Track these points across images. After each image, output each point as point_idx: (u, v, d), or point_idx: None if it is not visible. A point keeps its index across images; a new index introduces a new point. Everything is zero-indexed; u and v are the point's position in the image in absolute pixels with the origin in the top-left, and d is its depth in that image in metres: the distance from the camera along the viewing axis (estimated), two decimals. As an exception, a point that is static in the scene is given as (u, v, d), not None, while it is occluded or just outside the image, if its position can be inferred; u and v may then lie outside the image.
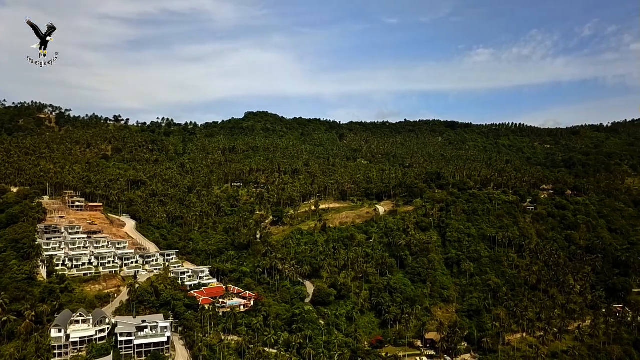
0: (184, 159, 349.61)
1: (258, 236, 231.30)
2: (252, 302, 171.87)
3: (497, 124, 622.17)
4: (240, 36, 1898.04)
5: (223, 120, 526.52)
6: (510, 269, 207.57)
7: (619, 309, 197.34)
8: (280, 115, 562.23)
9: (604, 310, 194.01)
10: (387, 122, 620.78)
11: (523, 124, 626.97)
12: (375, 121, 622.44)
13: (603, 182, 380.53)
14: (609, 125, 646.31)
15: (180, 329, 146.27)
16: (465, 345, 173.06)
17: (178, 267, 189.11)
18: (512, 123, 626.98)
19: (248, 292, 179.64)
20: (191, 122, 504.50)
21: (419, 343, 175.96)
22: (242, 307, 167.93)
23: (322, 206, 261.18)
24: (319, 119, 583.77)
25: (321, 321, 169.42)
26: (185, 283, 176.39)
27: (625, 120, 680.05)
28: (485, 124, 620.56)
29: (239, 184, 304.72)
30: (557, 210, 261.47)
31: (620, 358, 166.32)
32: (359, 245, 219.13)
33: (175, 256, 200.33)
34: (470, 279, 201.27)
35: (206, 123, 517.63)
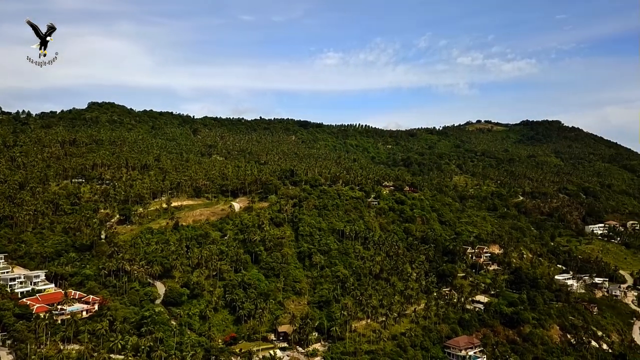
0: (14, 152, 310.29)
1: (103, 236, 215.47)
2: (96, 306, 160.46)
3: (346, 124, 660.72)
4: (85, 20, 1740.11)
5: (63, 110, 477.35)
6: (357, 260, 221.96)
7: (447, 292, 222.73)
8: (129, 107, 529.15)
9: (435, 294, 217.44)
10: (243, 118, 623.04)
11: (369, 126, 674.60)
12: (231, 117, 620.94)
13: (435, 179, 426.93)
14: (440, 128, 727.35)
15: (9, 342, 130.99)
16: (316, 335, 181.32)
17: (7, 272, 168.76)
18: (359, 124, 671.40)
19: (92, 296, 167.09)
20: (24, 111, 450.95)
21: (272, 336, 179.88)
22: (84, 313, 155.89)
23: (174, 203, 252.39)
24: (172, 113, 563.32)
25: (173, 322, 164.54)
26: (16, 290, 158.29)
27: (453, 124, 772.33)
28: (335, 125, 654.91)
29: (80, 180, 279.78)
30: (397, 204, 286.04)
31: (447, 335, 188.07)
32: (214, 243, 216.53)
33: (3, 261, 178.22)
34: (320, 271, 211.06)
35: (42, 113, 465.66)
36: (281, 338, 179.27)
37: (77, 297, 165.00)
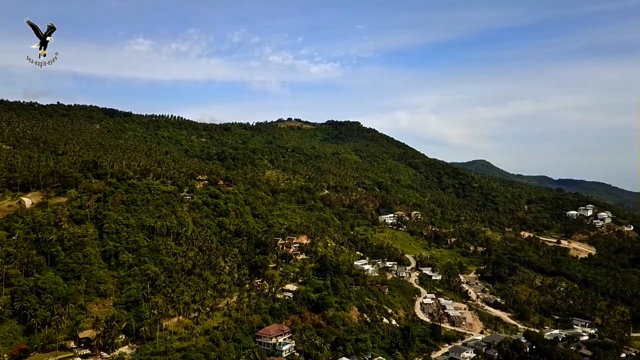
0: None
1: None
2: None
3: (157, 115, 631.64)
4: None
5: None
6: (169, 257, 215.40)
7: (259, 283, 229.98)
8: None
9: (247, 286, 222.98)
10: (37, 103, 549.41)
11: (182, 117, 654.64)
12: (21, 101, 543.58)
13: (249, 173, 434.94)
14: (254, 124, 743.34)
15: None
16: (123, 337, 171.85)
17: None
18: (172, 116, 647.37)
19: None
20: None
21: (72, 344, 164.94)
22: None
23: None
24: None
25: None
26: None
27: (267, 121, 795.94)
28: (146, 115, 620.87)
29: None
30: (211, 199, 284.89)
31: (259, 325, 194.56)
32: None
33: None
34: (128, 269, 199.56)
35: None
36: (82, 345, 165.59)
37: None
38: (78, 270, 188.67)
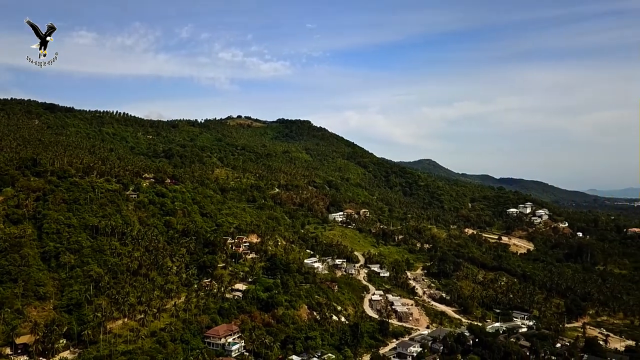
0: None
1: None
2: None
3: (102, 111, 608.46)
4: None
5: None
6: (113, 257, 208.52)
7: (207, 283, 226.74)
8: None
9: (195, 286, 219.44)
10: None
11: (127, 114, 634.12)
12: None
13: (197, 171, 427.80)
14: (202, 121, 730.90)
15: None
16: (64, 342, 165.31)
17: None
18: (117, 112, 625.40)
19: None
20: None
21: (8, 351, 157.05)
22: None
23: None
24: None
25: None
26: None
27: (215, 118, 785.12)
28: (89, 110, 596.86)
29: None
30: (157, 197, 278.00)
31: (208, 325, 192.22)
32: None
33: None
34: (70, 271, 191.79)
35: None
36: (20, 351, 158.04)
37: None
38: (15, 273, 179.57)
